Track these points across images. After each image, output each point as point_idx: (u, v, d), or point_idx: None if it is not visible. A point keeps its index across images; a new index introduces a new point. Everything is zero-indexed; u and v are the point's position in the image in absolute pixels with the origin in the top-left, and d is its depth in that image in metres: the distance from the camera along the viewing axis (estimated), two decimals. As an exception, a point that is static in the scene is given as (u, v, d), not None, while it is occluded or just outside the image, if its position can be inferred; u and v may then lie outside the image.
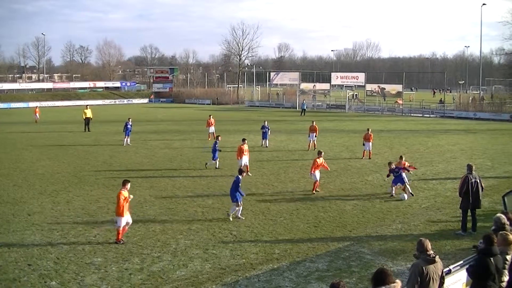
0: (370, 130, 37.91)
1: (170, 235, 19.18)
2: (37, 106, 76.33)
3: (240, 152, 30.96)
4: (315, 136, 42.51)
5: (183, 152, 40.32)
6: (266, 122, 44.29)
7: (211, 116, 49.54)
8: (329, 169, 28.23)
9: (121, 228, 18.35)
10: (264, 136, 43.69)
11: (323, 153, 27.56)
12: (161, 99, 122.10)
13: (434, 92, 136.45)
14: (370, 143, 37.09)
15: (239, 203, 21.37)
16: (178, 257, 16.98)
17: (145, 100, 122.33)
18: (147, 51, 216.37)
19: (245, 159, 31.10)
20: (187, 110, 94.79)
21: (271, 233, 19.78)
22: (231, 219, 21.32)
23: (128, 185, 18.88)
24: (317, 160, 26.51)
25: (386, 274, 8.49)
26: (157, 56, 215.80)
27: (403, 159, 26.67)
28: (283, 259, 16.87)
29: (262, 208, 23.27)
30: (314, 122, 43.16)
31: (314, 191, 26.38)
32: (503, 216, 13.05)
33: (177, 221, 20.96)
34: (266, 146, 43.10)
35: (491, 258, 10.85)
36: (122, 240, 18.40)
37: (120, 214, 18.16)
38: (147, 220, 21.28)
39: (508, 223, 12.81)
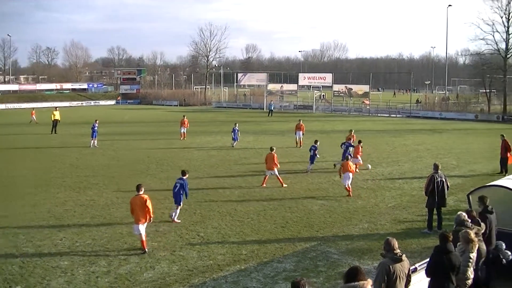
0: (353, 131, 37.46)
1: (137, 237, 19.04)
2: (33, 108, 76.05)
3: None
4: (302, 134, 44.38)
5: (150, 153, 40.08)
6: (237, 125, 44.61)
7: (185, 117, 50.34)
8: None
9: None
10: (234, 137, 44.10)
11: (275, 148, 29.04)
12: (129, 101, 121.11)
13: (395, 93, 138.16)
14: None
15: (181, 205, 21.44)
16: (145, 259, 16.91)
17: (112, 102, 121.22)
18: (115, 53, 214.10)
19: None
20: (154, 111, 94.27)
21: (238, 234, 19.79)
22: (179, 221, 21.23)
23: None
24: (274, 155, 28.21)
25: (358, 272, 8.58)
26: (124, 57, 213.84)
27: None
28: (251, 260, 16.89)
29: (229, 209, 23.25)
30: (301, 121, 45.36)
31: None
32: (463, 213, 13.28)
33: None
34: (233, 146, 43.45)
35: (445, 256, 10.98)
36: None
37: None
38: (113, 223, 21.12)
39: (469, 220, 13.00)
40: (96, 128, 43.95)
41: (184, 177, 21.33)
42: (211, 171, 32.51)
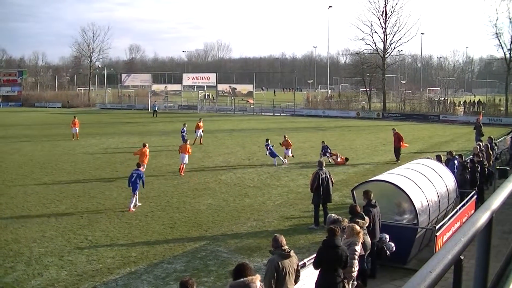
0: (286, 136, 37.85)
1: (23, 244, 18.40)
2: None
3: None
4: (202, 132, 45.39)
5: (34, 157, 38.73)
6: (185, 125, 43.54)
7: (76, 117, 50.31)
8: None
9: None
10: (183, 138, 42.52)
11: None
12: (10, 103, 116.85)
13: (275, 92, 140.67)
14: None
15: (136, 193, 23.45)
16: (33, 266, 16.33)
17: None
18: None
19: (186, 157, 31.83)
20: (37, 114, 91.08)
21: (126, 236, 19.52)
22: (134, 209, 23.02)
23: None
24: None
25: (245, 268, 8.69)
26: (4, 58, 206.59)
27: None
28: (140, 262, 16.70)
29: (117, 212, 22.89)
30: (201, 120, 46.86)
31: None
32: (333, 214, 13.79)
33: (30, 229, 20.17)
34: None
35: (332, 249, 11.27)
36: None
37: None
38: (-5, 230, 20.39)
39: (340, 217, 13.40)
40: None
41: (140, 168, 24.19)
42: (96, 174, 31.86)
